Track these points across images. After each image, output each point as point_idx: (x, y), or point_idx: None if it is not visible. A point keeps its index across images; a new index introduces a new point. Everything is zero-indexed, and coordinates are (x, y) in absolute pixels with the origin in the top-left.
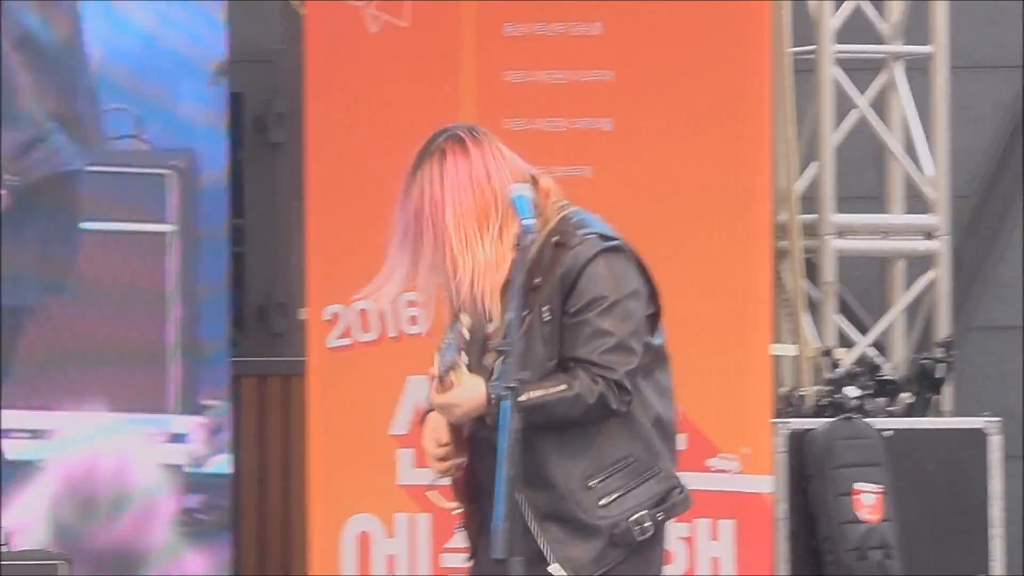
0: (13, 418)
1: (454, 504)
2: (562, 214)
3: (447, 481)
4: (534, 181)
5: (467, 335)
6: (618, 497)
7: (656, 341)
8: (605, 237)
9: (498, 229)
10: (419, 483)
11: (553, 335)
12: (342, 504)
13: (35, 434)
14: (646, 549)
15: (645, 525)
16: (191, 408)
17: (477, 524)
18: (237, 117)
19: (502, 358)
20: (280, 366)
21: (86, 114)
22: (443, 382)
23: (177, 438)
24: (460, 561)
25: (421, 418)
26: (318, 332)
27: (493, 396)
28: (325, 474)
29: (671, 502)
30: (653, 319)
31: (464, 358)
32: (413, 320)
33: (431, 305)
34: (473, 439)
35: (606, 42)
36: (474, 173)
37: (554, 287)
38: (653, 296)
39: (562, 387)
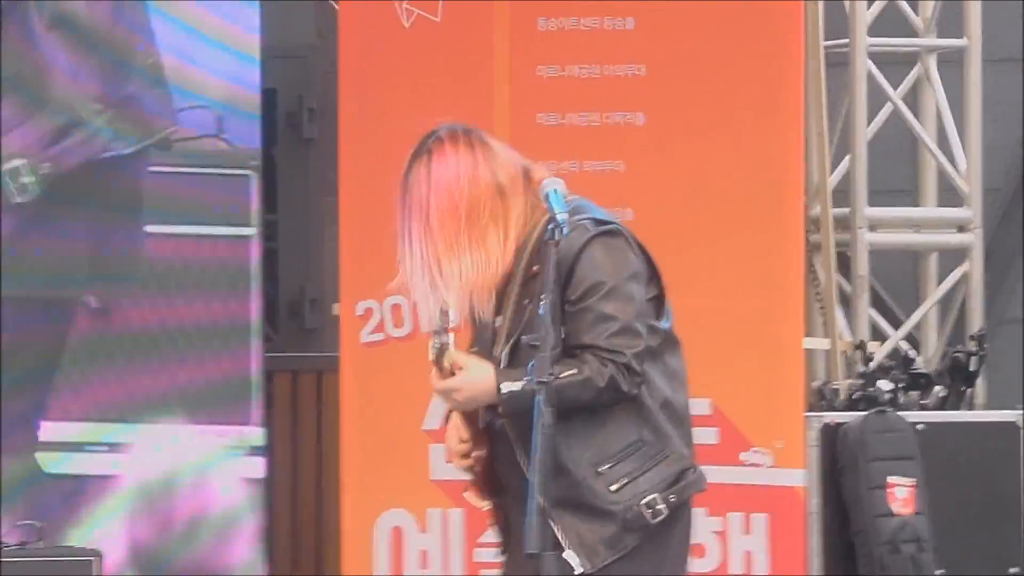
0: (89, 431)
1: (484, 503)
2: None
3: (470, 477)
4: (527, 173)
5: (454, 318)
6: (629, 482)
7: (663, 324)
8: (599, 222)
9: (489, 223)
10: (452, 478)
11: (555, 323)
12: (375, 500)
13: (112, 448)
14: (663, 532)
15: (658, 507)
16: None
17: (503, 518)
18: (270, 113)
19: (535, 351)
20: (313, 362)
21: (138, 96)
22: (440, 368)
23: (258, 450)
24: (493, 556)
25: (447, 416)
26: (351, 327)
27: (518, 388)
28: (358, 470)
29: (683, 483)
30: (658, 302)
31: (452, 339)
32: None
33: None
34: (489, 430)
35: (638, 37)
36: (461, 171)
37: (552, 275)
38: (654, 278)
39: (572, 371)
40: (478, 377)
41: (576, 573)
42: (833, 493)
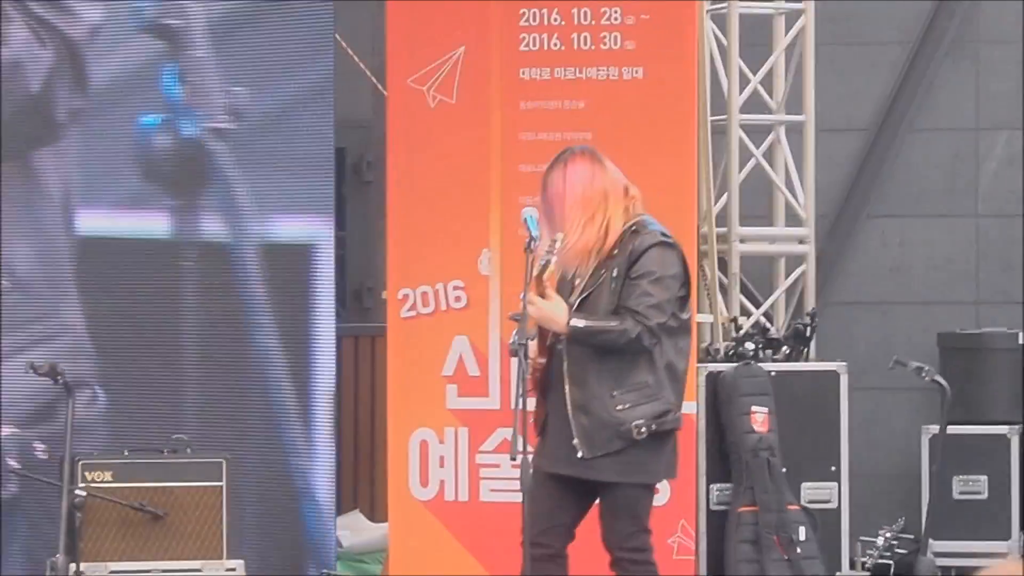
0: None
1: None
2: (639, 215)
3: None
4: (626, 190)
5: (558, 244)
6: (630, 407)
7: (684, 316)
8: (664, 235)
9: (597, 213)
10: (461, 408)
11: (616, 289)
12: (409, 422)
13: None
14: (646, 447)
15: (642, 429)
16: None
17: (543, 414)
18: (341, 164)
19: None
20: (369, 330)
21: None
22: (540, 281)
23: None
24: (487, 458)
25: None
26: (394, 307)
27: (582, 325)
28: (398, 402)
29: (664, 419)
30: (684, 300)
31: (554, 262)
32: (457, 299)
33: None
34: (552, 348)
35: (587, 112)
36: (585, 176)
37: (625, 258)
38: (687, 283)
39: (615, 323)
40: (556, 307)
41: (581, 455)
42: (714, 418)
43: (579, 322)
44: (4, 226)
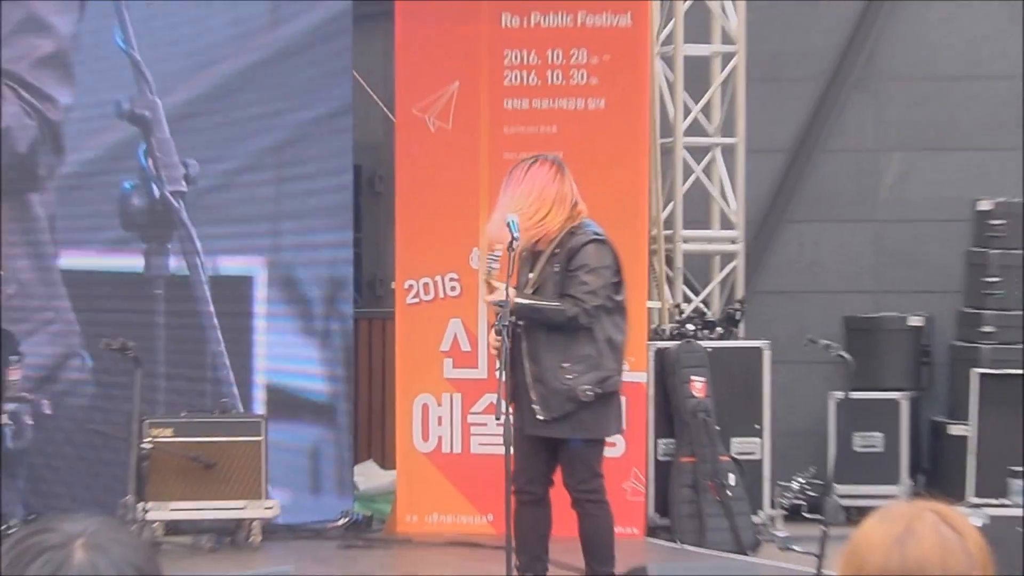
0: None
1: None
2: (580, 219)
3: (499, 356)
4: (575, 203)
5: (507, 253)
6: (576, 376)
7: (618, 298)
8: (597, 234)
9: (546, 212)
10: (457, 377)
11: (559, 282)
12: (413, 388)
13: None
14: (593, 408)
15: (588, 392)
16: None
17: (513, 385)
18: (357, 177)
19: (533, 293)
20: (380, 314)
21: None
22: (489, 285)
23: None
24: (477, 418)
25: (490, 327)
26: (401, 295)
27: (523, 301)
28: (404, 373)
29: (606, 383)
30: (618, 285)
31: (497, 267)
32: (452, 288)
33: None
34: (514, 331)
35: (560, 136)
36: (546, 178)
37: (564, 254)
38: (618, 271)
39: (557, 304)
40: (502, 294)
41: (540, 418)
42: (661, 386)
43: (521, 299)
44: (5, 248)
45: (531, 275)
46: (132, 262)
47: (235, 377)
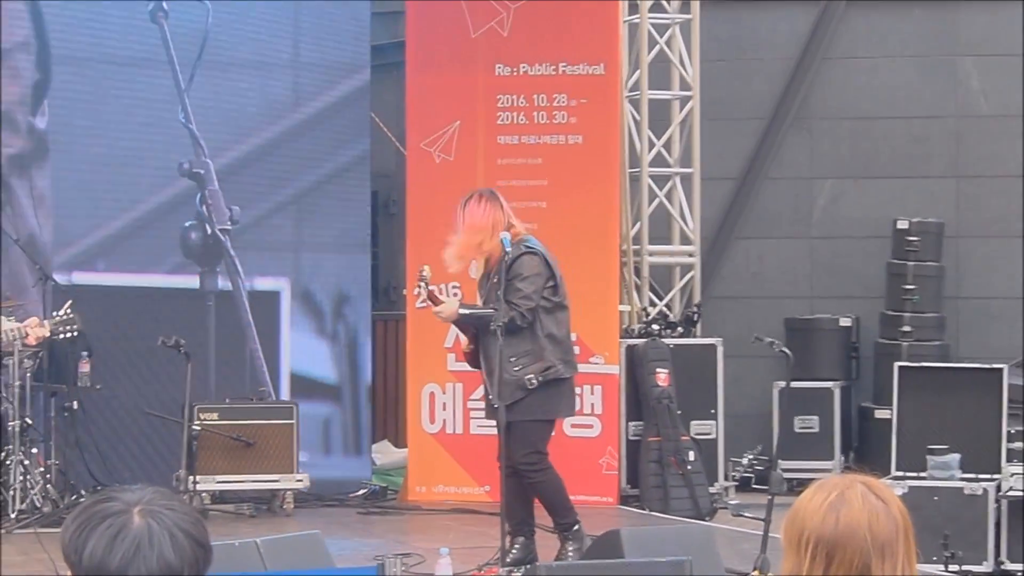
0: None
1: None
2: (519, 238)
3: (468, 357)
4: (510, 224)
5: (428, 275)
6: (523, 367)
7: (556, 299)
8: (529, 247)
9: (485, 239)
10: (459, 370)
11: (500, 290)
12: (422, 378)
13: None
14: (541, 392)
15: (532, 380)
16: None
17: (485, 379)
18: (374, 201)
19: (483, 300)
20: (395, 316)
21: None
22: (435, 300)
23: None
24: (475, 404)
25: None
26: (411, 300)
27: (467, 311)
28: (414, 365)
29: (548, 372)
30: (555, 288)
31: (426, 288)
32: (455, 293)
33: (463, 266)
34: (476, 338)
35: (544, 167)
36: (482, 211)
37: (503, 268)
38: (552, 276)
39: (491, 309)
40: (450, 305)
41: (495, 404)
42: (631, 377)
43: (464, 310)
44: None
45: (480, 290)
46: (190, 282)
47: (268, 368)
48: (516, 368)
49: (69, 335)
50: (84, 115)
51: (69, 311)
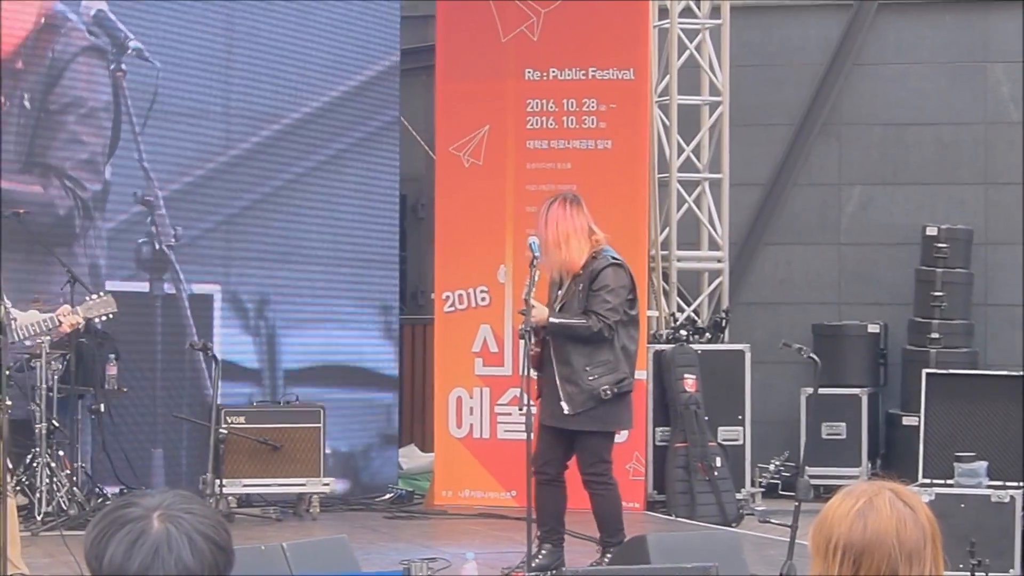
0: None
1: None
2: (599, 246)
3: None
4: (591, 230)
5: (529, 269)
6: (598, 377)
7: (632, 312)
8: (615, 259)
9: (572, 242)
10: (487, 374)
11: (583, 299)
12: (449, 382)
13: None
14: (610, 404)
15: (607, 391)
16: None
17: (541, 384)
18: (403, 205)
19: (561, 307)
20: (423, 321)
21: None
22: (526, 301)
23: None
24: (503, 409)
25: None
26: (439, 305)
27: (557, 320)
28: (441, 370)
29: (622, 384)
30: (632, 302)
31: (533, 290)
32: (483, 299)
33: (543, 271)
34: (544, 340)
35: (574, 172)
36: (566, 215)
37: (587, 276)
38: (633, 290)
39: (583, 320)
40: (542, 311)
41: (565, 412)
42: (658, 382)
43: (555, 319)
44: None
45: (559, 292)
46: (142, 287)
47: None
48: (591, 378)
49: (106, 318)
50: (48, 156)
51: (103, 293)
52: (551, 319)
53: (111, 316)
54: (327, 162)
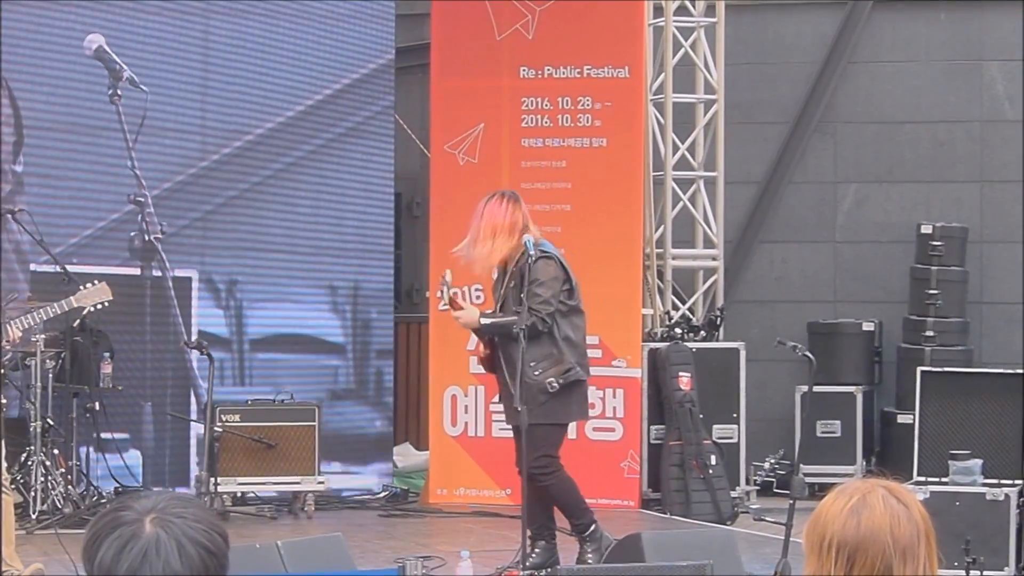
0: None
1: (490, 372)
2: (538, 241)
3: (484, 361)
4: (526, 227)
5: (449, 279)
6: (543, 371)
7: (572, 302)
8: (544, 252)
9: (502, 239)
10: (480, 372)
11: (517, 294)
12: (444, 380)
13: None
14: (560, 396)
15: (553, 383)
16: None
17: (499, 386)
18: (398, 203)
19: (499, 303)
20: (417, 319)
21: None
22: (455, 305)
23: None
24: (497, 407)
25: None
26: (434, 303)
27: (488, 321)
28: (436, 368)
29: (568, 375)
30: (570, 291)
31: (450, 291)
32: (477, 297)
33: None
34: (492, 343)
35: (569, 170)
36: (501, 211)
37: (519, 272)
38: (568, 279)
39: (512, 317)
40: (471, 313)
41: (517, 408)
42: (653, 380)
43: (485, 320)
44: None
45: (501, 292)
46: (134, 271)
47: (184, 327)
48: (536, 372)
49: (101, 305)
50: (59, 167)
51: (97, 282)
52: (481, 320)
53: (106, 304)
54: (302, 159)
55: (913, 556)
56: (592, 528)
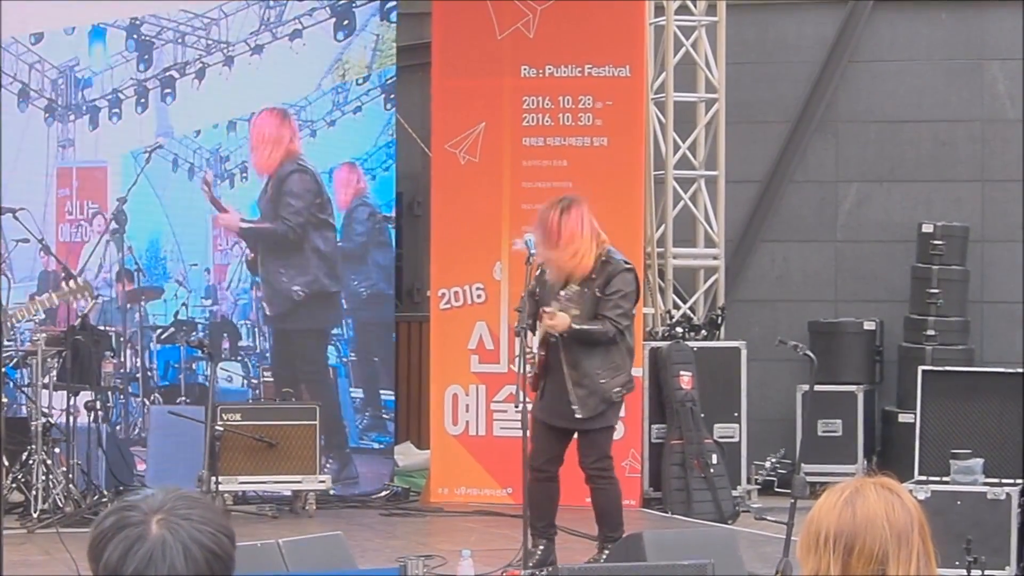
0: None
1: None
2: (604, 247)
3: (534, 365)
4: (598, 234)
5: (524, 266)
6: (609, 379)
7: (633, 313)
8: (626, 263)
9: (579, 247)
10: (482, 371)
11: (596, 304)
12: (445, 380)
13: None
14: (616, 406)
15: (617, 393)
16: None
17: (543, 385)
18: (399, 202)
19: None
20: (418, 318)
21: None
22: (550, 315)
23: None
24: (498, 406)
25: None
26: (435, 302)
27: (578, 326)
28: (437, 367)
29: (629, 384)
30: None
31: (557, 306)
32: (479, 296)
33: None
34: (547, 342)
35: (571, 170)
36: (574, 220)
37: (601, 280)
38: (639, 293)
39: (599, 326)
40: (564, 317)
41: (577, 415)
42: (654, 379)
43: (576, 325)
44: None
45: (562, 293)
46: None
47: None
48: (602, 380)
49: (83, 307)
50: None
51: (81, 280)
52: (573, 326)
53: (86, 304)
54: None
55: (908, 542)
56: (617, 543)
